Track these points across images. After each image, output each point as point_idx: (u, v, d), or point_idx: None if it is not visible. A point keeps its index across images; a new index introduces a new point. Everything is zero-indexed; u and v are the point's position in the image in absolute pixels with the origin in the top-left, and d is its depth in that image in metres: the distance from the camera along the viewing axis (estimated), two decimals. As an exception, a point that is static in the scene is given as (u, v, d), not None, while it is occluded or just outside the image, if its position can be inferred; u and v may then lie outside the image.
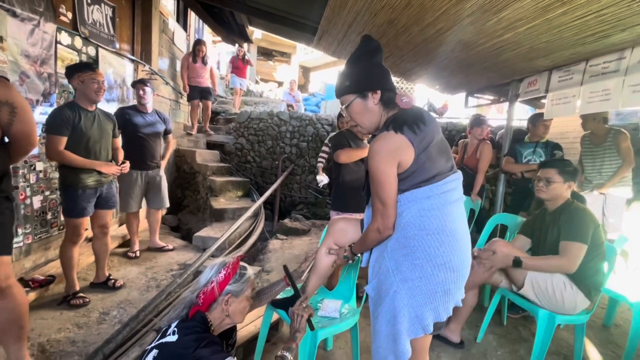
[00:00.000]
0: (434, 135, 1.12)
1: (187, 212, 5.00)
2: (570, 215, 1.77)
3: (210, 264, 1.20)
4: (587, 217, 1.74)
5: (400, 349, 1.09)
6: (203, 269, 1.23)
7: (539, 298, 1.76)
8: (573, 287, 1.72)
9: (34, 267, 2.48)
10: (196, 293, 1.13)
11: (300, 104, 8.04)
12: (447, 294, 1.09)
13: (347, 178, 2.35)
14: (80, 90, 2.13)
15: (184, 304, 1.14)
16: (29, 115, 1.43)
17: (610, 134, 2.82)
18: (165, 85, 4.73)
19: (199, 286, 1.15)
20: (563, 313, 1.73)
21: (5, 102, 1.32)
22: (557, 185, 1.84)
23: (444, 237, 1.08)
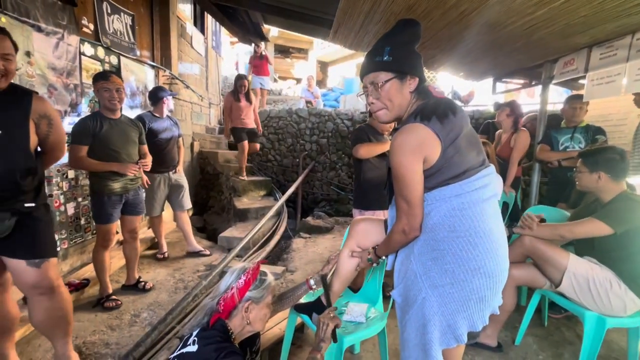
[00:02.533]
0: (463, 126, 1.02)
1: (212, 212, 5.10)
2: (618, 202, 1.62)
3: (230, 269, 1.17)
4: (633, 205, 1.57)
5: (431, 359, 1.02)
6: (228, 269, 1.20)
7: (580, 297, 1.60)
8: (621, 285, 1.55)
9: (71, 270, 2.60)
10: (216, 300, 1.10)
11: (319, 99, 7.96)
12: (482, 301, 1.00)
13: (368, 175, 2.27)
14: (99, 99, 2.19)
15: (204, 311, 1.12)
16: (61, 127, 1.57)
17: None
18: (185, 88, 4.82)
19: (219, 292, 1.12)
20: (610, 314, 1.57)
21: (44, 115, 1.44)
22: (582, 175, 1.73)
23: (477, 239, 0.99)
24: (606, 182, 1.66)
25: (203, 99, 5.75)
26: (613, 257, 1.61)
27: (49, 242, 1.50)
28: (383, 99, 1.08)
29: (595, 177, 1.68)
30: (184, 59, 4.91)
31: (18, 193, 1.37)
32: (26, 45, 2.12)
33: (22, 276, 1.42)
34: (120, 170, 2.21)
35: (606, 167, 1.65)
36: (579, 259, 1.65)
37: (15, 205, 1.37)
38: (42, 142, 1.48)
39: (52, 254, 1.49)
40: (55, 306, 1.50)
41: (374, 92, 1.08)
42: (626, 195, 1.65)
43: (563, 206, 2.58)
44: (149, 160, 2.47)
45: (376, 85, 1.07)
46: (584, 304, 1.60)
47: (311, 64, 13.40)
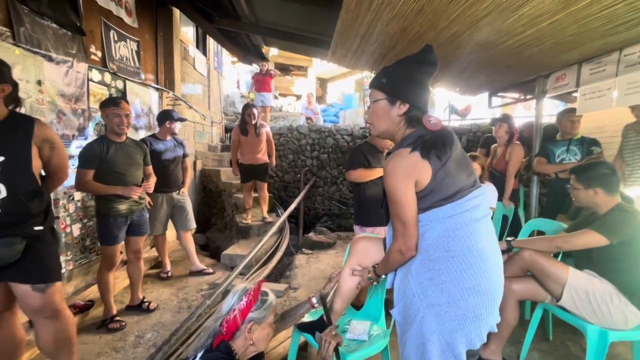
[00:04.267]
0: (452, 151, 1.07)
1: (215, 230, 5.12)
2: (613, 214, 1.67)
3: (233, 290, 1.19)
4: (628, 217, 1.62)
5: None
6: (231, 287, 1.23)
7: (581, 311, 1.61)
8: (622, 298, 1.56)
9: (75, 291, 2.62)
10: (219, 321, 1.12)
11: (319, 115, 8.10)
12: (478, 320, 1.02)
13: (368, 192, 2.31)
14: (107, 124, 2.27)
15: (208, 333, 1.14)
16: (64, 150, 1.63)
17: None
18: (188, 109, 4.93)
19: (221, 314, 1.14)
20: (612, 328, 1.57)
21: (47, 139, 1.49)
22: (578, 192, 1.77)
23: (471, 259, 1.02)
24: (602, 197, 1.70)
25: (205, 117, 5.88)
26: (611, 269, 1.63)
27: (55, 266, 1.54)
28: (371, 115, 1.17)
29: (592, 193, 1.72)
30: (187, 80, 5.05)
31: (27, 217, 1.41)
32: (38, 74, 2.22)
33: (28, 301, 1.44)
34: (125, 194, 2.25)
35: (600, 182, 1.70)
36: (579, 272, 1.67)
37: (25, 229, 1.40)
38: (45, 166, 1.53)
39: (56, 278, 1.52)
40: (60, 329, 1.52)
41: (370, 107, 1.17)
42: (621, 207, 1.68)
43: (563, 218, 2.60)
44: (153, 182, 2.51)
45: (371, 101, 1.15)
46: (585, 317, 1.61)
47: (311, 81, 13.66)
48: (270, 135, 4.14)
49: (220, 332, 1.10)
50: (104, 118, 2.28)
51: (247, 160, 4.01)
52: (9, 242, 1.36)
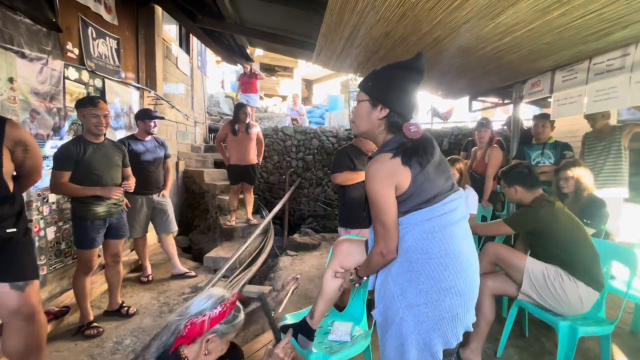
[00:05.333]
0: (431, 156, 1.10)
1: (197, 232, 5.04)
2: (521, 208, 1.98)
3: (208, 292, 1.14)
4: (529, 210, 1.89)
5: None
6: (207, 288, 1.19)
7: (542, 295, 1.73)
8: (570, 277, 1.70)
9: (50, 297, 2.51)
10: (184, 322, 1.06)
11: (304, 117, 8.10)
12: (455, 320, 1.05)
13: (353, 194, 2.33)
14: (84, 124, 2.20)
15: (170, 331, 1.08)
16: (38, 151, 1.58)
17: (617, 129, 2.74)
18: (171, 108, 4.84)
19: (187, 313, 1.08)
20: (573, 313, 1.70)
21: (19, 142, 1.45)
22: (505, 191, 2.01)
23: (447, 261, 1.05)
24: (522, 193, 1.92)
25: (189, 118, 5.78)
26: (551, 254, 1.80)
27: (32, 265, 1.51)
28: (354, 114, 1.22)
29: (513, 191, 1.95)
30: (169, 79, 4.95)
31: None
32: (9, 71, 2.13)
33: (6, 301, 1.41)
34: (104, 194, 2.19)
35: (518, 181, 1.92)
36: (535, 260, 1.81)
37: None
38: (18, 168, 1.49)
39: (35, 276, 1.50)
40: (33, 334, 1.47)
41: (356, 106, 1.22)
42: (535, 202, 1.89)
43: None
44: (132, 182, 2.45)
45: (357, 101, 1.21)
46: (549, 305, 1.72)
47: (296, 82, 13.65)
48: (260, 135, 4.14)
49: (182, 333, 1.05)
50: (80, 118, 2.20)
51: (235, 161, 3.97)
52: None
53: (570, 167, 2.33)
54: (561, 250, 1.76)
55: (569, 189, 2.33)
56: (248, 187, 4.14)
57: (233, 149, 3.97)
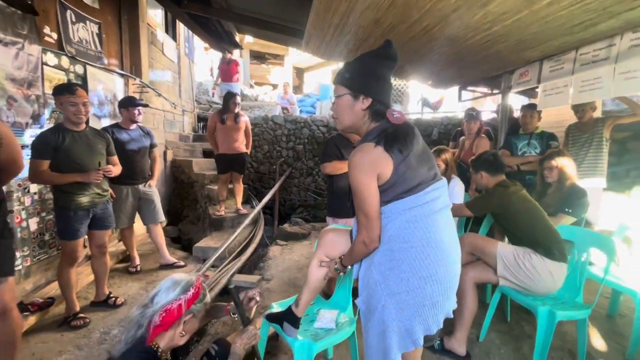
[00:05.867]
0: (414, 145, 1.11)
1: (187, 222, 5.00)
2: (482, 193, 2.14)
3: (171, 280, 1.14)
4: (487, 194, 2.06)
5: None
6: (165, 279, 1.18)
7: (517, 276, 1.81)
8: (537, 255, 1.80)
9: (35, 288, 2.48)
10: (157, 311, 1.06)
11: (295, 106, 8.02)
12: (435, 307, 1.08)
13: (340, 184, 2.33)
14: (62, 112, 2.14)
15: (137, 325, 1.07)
16: (14, 142, 1.51)
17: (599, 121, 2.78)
18: (157, 96, 4.72)
19: (155, 303, 1.08)
20: (548, 288, 1.80)
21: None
22: (474, 177, 2.15)
23: (428, 250, 1.07)
24: (487, 179, 2.05)
25: (176, 106, 5.66)
26: (516, 236, 1.94)
27: (6, 261, 1.45)
28: (336, 110, 1.19)
29: (479, 177, 2.07)
30: (155, 66, 4.82)
31: None
32: (-18, 56, 2.03)
33: None
34: (84, 180, 2.13)
35: (483, 166, 2.05)
36: (505, 244, 1.94)
37: None
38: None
39: (8, 272, 1.45)
40: (4, 331, 1.44)
41: (333, 99, 1.21)
42: (495, 187, 2.02)
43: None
44: (113, 168, 2.33)
45: (335, 96, 1.18)
46: (525, 285, 1.81)
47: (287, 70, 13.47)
48: (249, 125, 4.09)
49: (156, 323, 1.04)
50: (58, 106, 2.13)
51: (224, 150, 3.93)
52: None
53: (554, 157, 2.37)
54: (523, 231, 1.89)
55: (553, 179, 2.37)
56: (237, 177, 4.11)
57: (221, 138, 3.92)
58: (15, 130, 2.27)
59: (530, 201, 1.96)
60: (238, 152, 3.96)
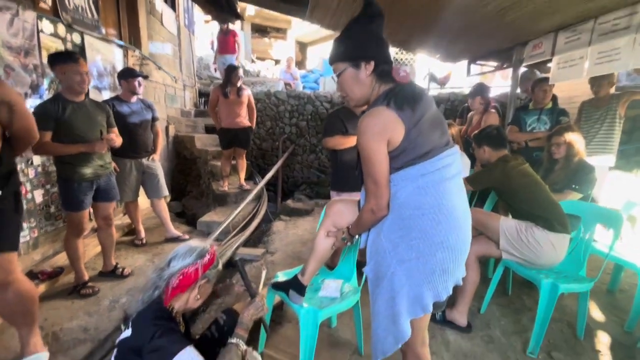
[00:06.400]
0: (426, 109, 1.07)
1: (190, 197, 5.03)
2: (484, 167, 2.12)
3: (187, 247, 1.16)
4: (488, 168, 2.03)
5: (400, 329, 1.08)
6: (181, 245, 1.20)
7: (520, 249, 1.82)
8: (539, 228, 1.80)
9: (43, 259, 2.53)
10: (175, 274, 1.09)
11: (298, 81, 7.84)
12: (445, 273, 1.07)
13: (344, 158, 2.30)
14: (64, 82, 2.08)
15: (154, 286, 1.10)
16: (26, 111, 1.46)
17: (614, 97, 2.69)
18: (157, 70, 4.61)
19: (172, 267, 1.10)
20: (551, 260, 1.80)
21: (2, 101, 1.34)
22: (476, 152, 2.13)
23: (440, 216, 1.05)
24: (489, 153, 2.03)
25: (177, 80, 5.54)
26: (518, 210, 1.93)
27: (9, 235, 1.44)
28: (343, 87, 1.14)
29: (482, 151, 2.05)
30: (155, 37, 4.67)
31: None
32: (-24, 21, 1.96)
33: None
34: (88, 150, 2.12)
35: (486, 141, 2.03)
36: (508, 218, 1.92)
37: None
38: (6, 129, 1.40)
39: (7, 248, 1.43)
40: (10, 301, 1.46)
41: (336, 80, 1.15)
42: (496, 162, 1.99)
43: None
44: (117, 138, 2.32)
45: (337, 75, 1.13)
46: (527, 258, 1.81)
47: (290, 44, 13.06)
48: (252, 99, 4.01)
49: (173, 284, 1.08)
50: (59, 76, 2.07)
51: (227, 125, 3.87)
52: None
53: (563, 133, 2.32)
54: (524, 205, 1.88)
55: (560, 155, 2.33)
56: (240, 152, 4.08)
57: (224, 113, 3.86)
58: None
59: (531, 175, 1.93)
60: (242, 127, 3.91)
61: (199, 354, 0.99)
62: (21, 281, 1.51)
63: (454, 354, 1.74)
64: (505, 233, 1.85)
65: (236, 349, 1.04)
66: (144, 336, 0.98)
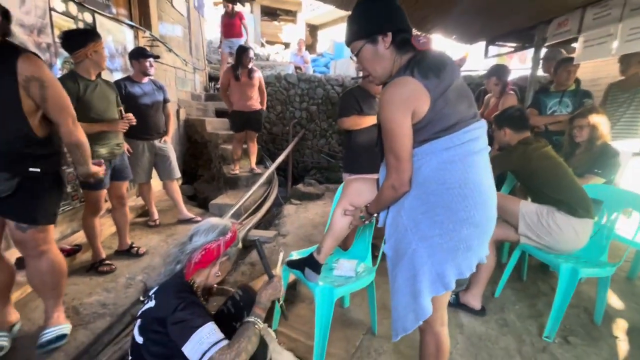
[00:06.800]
0: (453, 78, 1.02)
1: (202, 181, 5.07)
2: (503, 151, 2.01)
3: (208, 224, 1.17)
4: (507, 152, 1.95)
5: (420, 306, 1.06)
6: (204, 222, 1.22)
7: (539, 234, 1.77)
8: (561, 212, 1.74)
9: (62, 237, 2.59)
10: (197, 249, 1.10)
11: (309, 65, 7.71)
12: (469, 250, 1.03)
13: (359, 139, 2.26)
14: (92, 60, 2.06)
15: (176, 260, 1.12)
16: (59, 88, 1.45)
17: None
18: (168, 52, 4.58)
19: (194, 242, 1.12)
20: (572, 246, 1.75)
21: (32, 77, 1.34)
22: (496, 134, 2.03)
23: (466, 191, 1.00)
24: (510, 135, 1.94)
25: (187, 63, 5.50)
26: (539, 194, 1.85)
27: (45, 210, 1.49)
28: (364, 66, 1.11)
29: (503, 133, 1.97)
30: (165, 19, 4.61)
31: (20, 158, 1.37)
32: (-11, -3, 1.94)
33: (12, 235, 1.47)
34: (111, 129, 2.19)
35: (508, 122, 1.94)
36: (528, 202, 1.85)
37: (17, 168, 1.38)
38: (41, 107, 1.40)
39: (43, 221, 1.49)
40: (40, 271, 1.53)
41: (356, 60, 1.13)
42: (517, 145, 1.91)
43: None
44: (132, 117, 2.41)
45: (355, 55, 1.11)
46: (546, 242, 1.76)
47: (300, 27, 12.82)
48: (262, 81, 3.97)
49: (196, 259, 1.09)
50: (91, 54, 2.03)
51: (238, 107, 3.85)
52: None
53: (587, 115, 2.22)
54: (545, 188, 1.81)
55: (582, 138, 2.24)
56: (252, 136, 4.07)
57: (236, 96, 3.83)
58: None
59: (553, 158, 1.86)
60: (254, 110, 3.89)
61: (219, 330, 1.00)
62: (55, 253, 1.57)
63: (468, 337, 1.73)
64: (525, 217, 1.80)
65: (253, 327, 1.05)
66: (168, 308, 1.00)
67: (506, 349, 1.66)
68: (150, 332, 1.02)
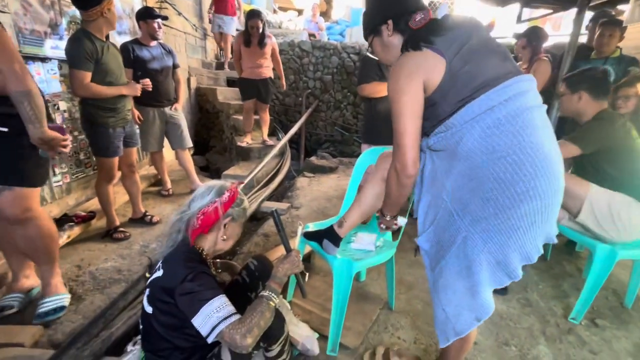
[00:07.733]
0: (470, 34, 0.90)
1: (214, 152, 5.02)
2: (591, 122, 1.64)
3: (205, 186, 1.10)
4: (602, 124, 1.60)
5: (480, 302, 0.93)
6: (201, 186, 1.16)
7: (601, 224, 1.54)
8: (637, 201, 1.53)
9: (76, 204, 2.60)
10: (195, 214, 1.04)
11: (324, 32, 7.34)
12: (533, 227, 0.86)
13: (379, 107, 2.11)
14: (106, 18, 1.94)
15: (177, 229, 1.08)
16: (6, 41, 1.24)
17: None
18: (178, 15, 4.38)
19: (192, 207, 1.06)
20: (629, 238, 1.54)
21: None
22: (564, 98, 1.70)
23: (522, 157, 0.83)
24: (586, 102, 1.63)
25: (197, 29, 5.28)
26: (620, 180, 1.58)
27: (18, 172, 1.36)
28: (380, 58, 1.14)
29: (577, 98, 1.64)
30: (173, -21, 4.37)
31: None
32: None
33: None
34: (129, 92, 2.17)
35: (588, 85, 1.61)
36: (600, 188, 1.59)
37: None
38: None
39: (17, 182, 1.36)
40: (30, 237, 1.46)
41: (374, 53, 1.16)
42: (601, 115, 1.62)
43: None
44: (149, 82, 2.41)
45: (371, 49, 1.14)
46: (604, 231, 1.55)
47: (314, -7, 12.12)
48: (276, 49, 3.76)
49: (194, 225, 1.04)
50: (103, 14, 1.90)
51: (247, 74, 3.70)
52: None
53: (635, 83, 2.00)
54: (626, 173, 1.56)
55: (627, 109, 2.03)
56: (262, 107, 3.93)
57: (246, 62, 3.66)
58: (34, 40, 2.15)
59: (637, 138, 1.61)
60: (262, 78, 3.72)
61: (230, 304, 0.95)
62: (42, 218, 1.49)
63: (489, 315, 1.67)
64: (592, 205, 1.54)
65: (267, 302, 0.99)
66: (176, 277, 0.95)
67: (529, 329, 1.60)
68: (158, 302, 0.99)
